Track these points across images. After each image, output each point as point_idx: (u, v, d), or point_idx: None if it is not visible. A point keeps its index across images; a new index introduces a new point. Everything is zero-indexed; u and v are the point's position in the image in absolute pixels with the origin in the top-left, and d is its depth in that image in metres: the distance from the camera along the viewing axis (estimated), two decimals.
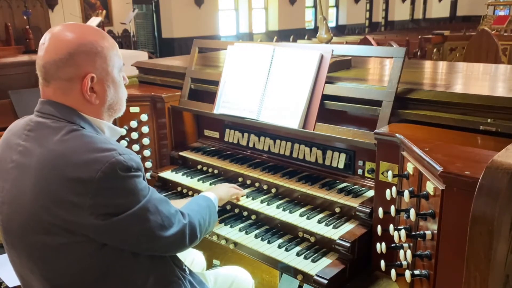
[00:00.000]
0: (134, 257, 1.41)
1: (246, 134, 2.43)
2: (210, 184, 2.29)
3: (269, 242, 1.89)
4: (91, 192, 1.24)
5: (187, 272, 1.66)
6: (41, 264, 1.35)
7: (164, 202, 1.43)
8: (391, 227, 1.59)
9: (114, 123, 2.49)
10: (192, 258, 2.18)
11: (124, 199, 1.30)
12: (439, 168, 1.26)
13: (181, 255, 1.96)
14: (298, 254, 1.79)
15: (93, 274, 1.35)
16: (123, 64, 1.48)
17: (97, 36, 1.40)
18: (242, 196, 2.12)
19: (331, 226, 1.83)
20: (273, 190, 2.15)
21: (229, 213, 2.14)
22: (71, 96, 1.38)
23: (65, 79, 1.36)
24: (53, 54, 1.34)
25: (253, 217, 2.07)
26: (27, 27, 8.31)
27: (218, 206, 1.87)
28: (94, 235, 1.29)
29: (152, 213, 1.35)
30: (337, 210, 1.92)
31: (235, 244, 1.94)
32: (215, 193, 1.91)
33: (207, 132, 2.68)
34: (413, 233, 1.46)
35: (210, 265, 2.64)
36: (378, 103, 1.85)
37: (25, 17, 9.57)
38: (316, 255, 1.77)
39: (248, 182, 2.23)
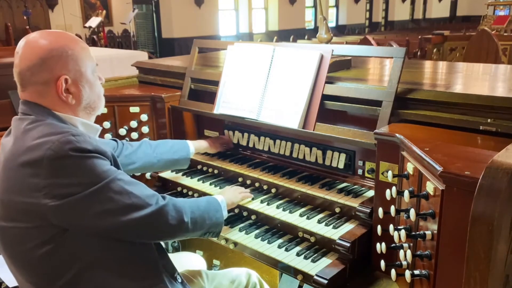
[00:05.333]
0: (108, 257, 1.39)
1: (246, 134, 2.43)
2: (210, 184, 2.29)
3: (269, 242, 1.89)
4: (43, 172, 1.27)
5: (179, 280, 1.60)
6: (10, 253, 1.40)
7: (137, 184, 1.42)
8: (391, 227, 1.59)
9: (115, 122, 2.52)
10: (192, 260, 2.17)
11: (79, 178, 1.29)
12: (439, 168, 1.26)
13: (179, 258, 1.95)
14: (298, 254, 1.79)
15: (61, 273, 1.35)
16: (96, 64, 1.54)
17: (68, 40, 1.46)
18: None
19: (331, 226, 1.83)
20: (273, 190, 2.15)
21: (229, 213, 2.13)
22: (47, 98, 1.43)
23: (40, 83, 1.41)
24: (27, 61, 1.40)
25: (253, 217, 2.07)
26: (27, 27, 8.33)
27: (229, 211, 1.88)
28: (54, 217, 1.29)
29: (116, 192, 1.33)
30: (337, 210, 1.92)
31: (235, 244, 1.94)
32: (223, 195, 1.89)
33: (207, 132, 2.68)
34: (413, 233, 1.46)
35: (210, 265, 2.65)
36: (378, 103, 1.85)
37: (25, 17, 9.58)
38: (316, 255, 1.78)
39: (248, 182, 2.23)
